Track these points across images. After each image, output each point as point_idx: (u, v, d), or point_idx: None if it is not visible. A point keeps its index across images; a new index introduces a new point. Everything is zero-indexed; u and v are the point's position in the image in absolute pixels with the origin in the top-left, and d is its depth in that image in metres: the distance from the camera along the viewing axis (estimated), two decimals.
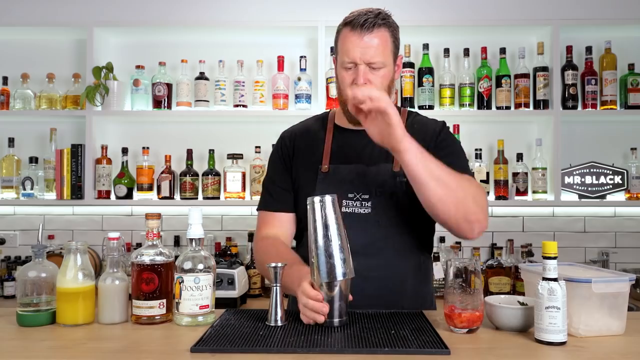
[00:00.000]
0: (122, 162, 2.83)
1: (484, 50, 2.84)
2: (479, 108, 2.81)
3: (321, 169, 1.51)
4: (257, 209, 1.62)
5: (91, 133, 2.78)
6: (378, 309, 1.38)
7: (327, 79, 2.77)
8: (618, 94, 2.82)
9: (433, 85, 2.81)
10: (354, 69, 1.41)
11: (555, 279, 1.15)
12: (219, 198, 2.80)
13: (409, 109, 1.68)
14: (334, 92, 2.70)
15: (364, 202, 1.46)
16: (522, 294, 2.23)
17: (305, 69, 2.83)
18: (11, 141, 2.86)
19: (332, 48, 2.63)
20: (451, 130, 1.58)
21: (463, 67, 2.85)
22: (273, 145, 2.76)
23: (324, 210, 1.22)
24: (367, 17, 1.39)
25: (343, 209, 1.44)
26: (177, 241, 2.87)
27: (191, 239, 1.36)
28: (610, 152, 2.90)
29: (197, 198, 2.79)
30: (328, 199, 1.23)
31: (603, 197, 2.82)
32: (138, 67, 2.87)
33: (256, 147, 2.83)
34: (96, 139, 2.82)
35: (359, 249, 1.37)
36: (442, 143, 1.50)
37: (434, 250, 2.71)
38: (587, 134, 2.93)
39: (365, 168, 1.48)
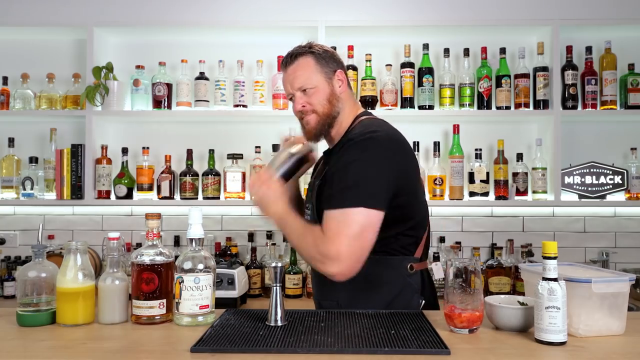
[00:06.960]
0: (122, 162, 2.83)
1: (484, 50, 2.84)
2: (479, 108, 2.80)
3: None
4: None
5: (91, 133, 2.78)
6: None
7: None
8: (618, 94, 2.82)
9: (433, 85, 2.81)
10: (294, 97, 1.63)
11: (555, 279, 1.15)
12: (219, 198, 2.80)
13: (364, 118, 1.64)
14: None
15: (307, 211, 1.65)
16: (522, 294, 2.23)
17: None
18: (11, 141, 2.86)
19: (333, 48, 2.62)
20: (374, 143, 1.48)
21: (463, 67, 2.85)
22: (273, 145, 2.81)
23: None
24: (289, 52, 1.64)
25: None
26: (177, 241, 2.87)
27: (191, 239, 1.36)
28: (610, 152, 2.90)
29: (197, 198, 2.79)
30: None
31: (603, 197, 2.82)
32: (138, 67, 2.87)
33: (256, 147, 2.83)
34: (96, 139, 2.82)
35: None
36: (337, 167, 1.51)
37: (434, 250, 2.74)
38: (587, 134, 2.92)
39: (314, 182, 1.67)
